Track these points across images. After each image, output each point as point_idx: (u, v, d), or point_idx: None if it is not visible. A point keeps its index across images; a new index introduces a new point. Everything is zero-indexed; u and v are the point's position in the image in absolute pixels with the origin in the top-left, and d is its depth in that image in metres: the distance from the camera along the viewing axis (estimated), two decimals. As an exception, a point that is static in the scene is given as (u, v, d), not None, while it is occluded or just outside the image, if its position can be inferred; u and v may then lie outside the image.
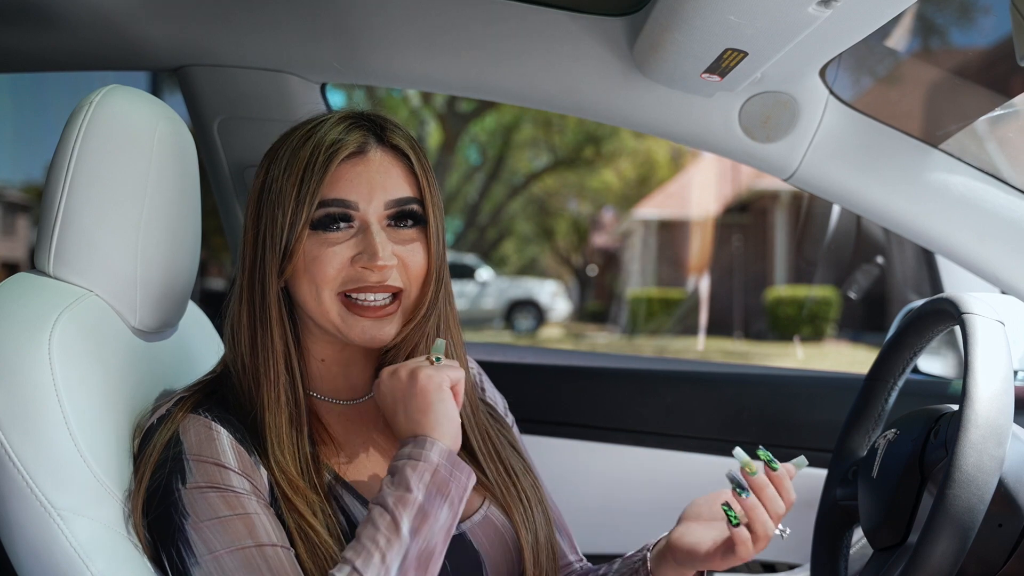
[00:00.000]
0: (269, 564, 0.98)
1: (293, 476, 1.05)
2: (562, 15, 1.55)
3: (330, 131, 1.08)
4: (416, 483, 0.98)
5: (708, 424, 1.89)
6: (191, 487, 1.00)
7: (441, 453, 1.00)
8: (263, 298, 1.09)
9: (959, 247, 1.58)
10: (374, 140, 1.10)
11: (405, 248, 1.09)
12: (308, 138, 1.08)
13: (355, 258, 1.07)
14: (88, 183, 1.10)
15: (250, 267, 1.10)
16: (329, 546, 1.02)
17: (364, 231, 1.08)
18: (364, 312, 1.08)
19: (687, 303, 15.22)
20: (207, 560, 0.98)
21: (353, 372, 1.17)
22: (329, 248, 1.07)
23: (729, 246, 16.02)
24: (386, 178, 1.09)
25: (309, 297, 1.08)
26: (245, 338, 1.10)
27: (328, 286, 1.07)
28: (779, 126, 1.56)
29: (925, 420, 1.22)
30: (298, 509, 1.03)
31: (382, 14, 1.60)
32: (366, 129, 1.10)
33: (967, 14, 8.97)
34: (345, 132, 1.08)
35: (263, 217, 1.08)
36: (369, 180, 1.08)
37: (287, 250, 1.07)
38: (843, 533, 1.38)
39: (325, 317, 1.08)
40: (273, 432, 1.06)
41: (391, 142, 1.11)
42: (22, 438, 0.99)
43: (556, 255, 22.90)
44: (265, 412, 1.07)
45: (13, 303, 1.06)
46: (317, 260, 1.07)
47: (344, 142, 1.07)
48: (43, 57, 1.76)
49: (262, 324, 1.09)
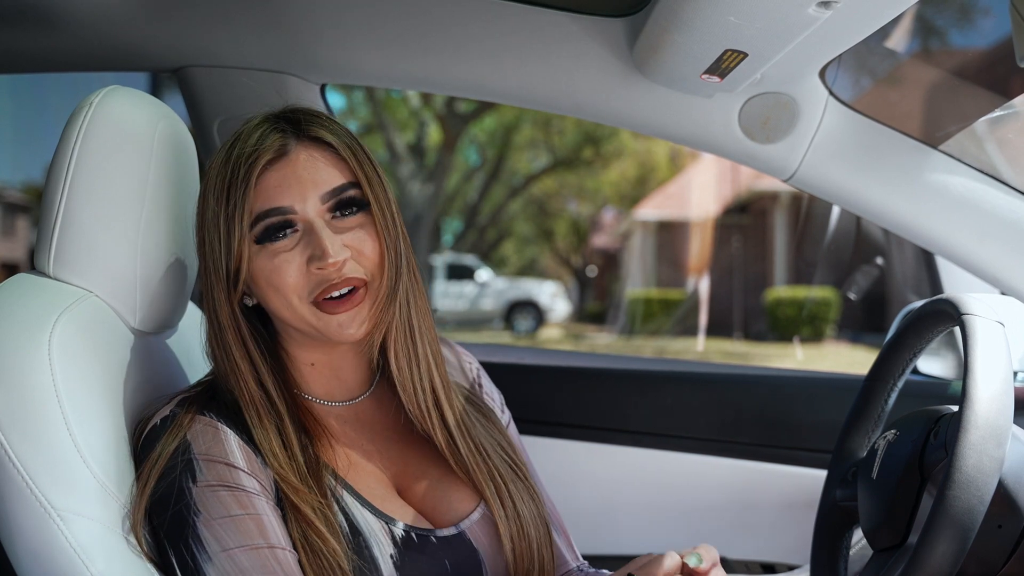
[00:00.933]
0: (283, 568, 0.98)
1: (292, 481, 1.05)
2: (562, 16, 1.55)
3: (247, 141, 1.06)
4: None
5: (708, 425, 1.89)
6: (202, 485, 1.00)
7: None
8: (218, 323, 1.08)
9: (959, 248, 1.58)
10: (293, 138, 1.08)
11: (353, 236, 1.07)
12: (229, 154, 1.06)
13: (309, 261, 1.05)
14: (88, 184, 1.10)
15: (207, 290, 1.09)
16: (335, 550, 1.02)
17: (309, 232, 1.06)
18: (336, 309, 1.06)
19: (687, 304, 15.21)
20: (221, 557, 0.98)
21: (345, 373, 1.17)
22: (280, 257, 1.05)
23: (729, 247, 16.02)
24: (315, 173, 1.07)
25: (282, 307, 1.07)
26: (218, 360, 1.10)
27: (295, 292, 1.06)
28: (779, 127, 1.56)
29: (925, 421, 1.22)
30: (303, 512, 1.03)
31: (382, 15, 1.61)
32: (282, 130, 1.08)
33: (967, 15, 8.98)
34: (261, 139, 1.06)
35: (205, 244, 1.08)
36: (298, 180, 1.06)
37: (231, 270, 1.06)
38: (843, 534, 1.38)
39: (303, 322, 1.08)
40: (265, 446, 1.06)
41: (311, 135, 1.08)
42: (22, 438, 0.99)
43: (556, 256, 22.91)
44: (253, 429, 1.07)
45: (13, 304, 1.06)
46: (275, 272, 1.05)
47: (261, 149, 1.05)
48: (43, 58, 1.76)
49: (222, 348, 1.09)
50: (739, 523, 1.90)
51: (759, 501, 1.87)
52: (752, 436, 1.88)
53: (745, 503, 1.88)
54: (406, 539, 1.08)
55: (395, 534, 1.08)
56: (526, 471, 1.23)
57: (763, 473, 1.87)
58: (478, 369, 1.34)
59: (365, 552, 1.05)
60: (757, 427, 1.88)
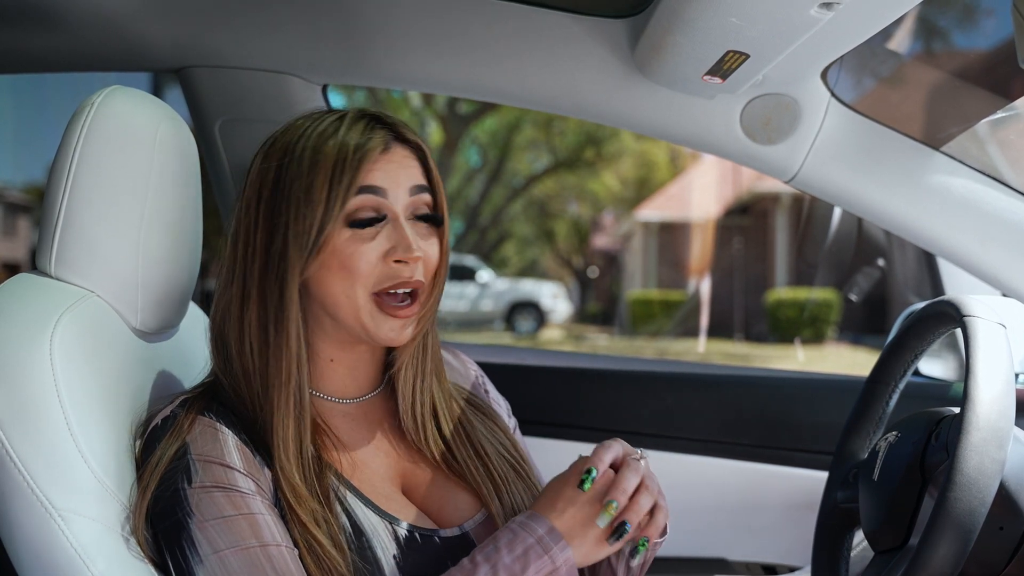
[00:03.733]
0: (273, 564, 0.98)
1: (296, 484, 1.04)
2: (564, 17, 1.55)
3: (352, 129, 1.09)
4: (533, 573, 0.98)
5: (709, 426, 1.89)
6: (196, 487, 1.00)
7: (567, 562, 1.00)
8: (281, 297, 1.06)
9: (960, 249, 1.58)
10: (392, 137, 1.13)
11: (425, 242, 1.11)
12: (330, 135, 1.08)
13: (388, 253, 1.08)
14: (90, 184, 1.10)
15: (262, 266, 1.07)
16: (333, 558, 1.02)
17: (394, 224, 1.09)
18: (396, 312, 1.09)
19: (688, 305, 15.23)
20: (211, 559, 0.98)
21: (359, 372, 1.17)
22: (363, 244, 1.07)
23: (730, 248, 16.02)
24: (407, 168, 1.11)
25: (340, 295, 1.08)
26: (255, 340, 1.08)
27: (362, 283, 1.07)
28: (780, 128, 1.56)
29: (926, 423, 1.22)
30: (302, 520, 1.03)
31: (384, 15, 1.61)
32: (386, 128, 1.13)
33: (969, 16, 8.97)
34: (368, 131, 1.10)
35: (285, 213, 1.06)
36: (396, 171, 1.10)
37: (315, 245, 1.06)
38: (844, 535, 1.38)
39: (354, 316, 1.08)
40: (280, 436, 1.06)
41: (406, 137, 1.14)
42: (23, 438, 0.99)
43: (557, 257, 22.92)
44: (273, 416, 1.06)
45: (14, 304, 1.06)
46: (352, 257, 1.06)
47: (372, 138, 1.09)
48: (44, 58, 1.76)
49: (277, 325, 1.07)
50: (740, 524, 1.90)
51: (760, 502, 1.87)
52: (753, 437, 1.88)
53: (746, 504, 1.88)
54: (409, 539, 1.08)
55: (398, 534, 1.08)
56: (529, 469, 1.23)
57: (764, 474, 1.87)
58: (481, 376, 1.34)
59: (368, 553, 1.05)
60: (758, 428, 1.88)
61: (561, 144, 18.18)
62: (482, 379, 1.34)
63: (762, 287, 14.75)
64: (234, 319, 1.09)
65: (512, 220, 20.85)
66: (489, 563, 0.99)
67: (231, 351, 1.09)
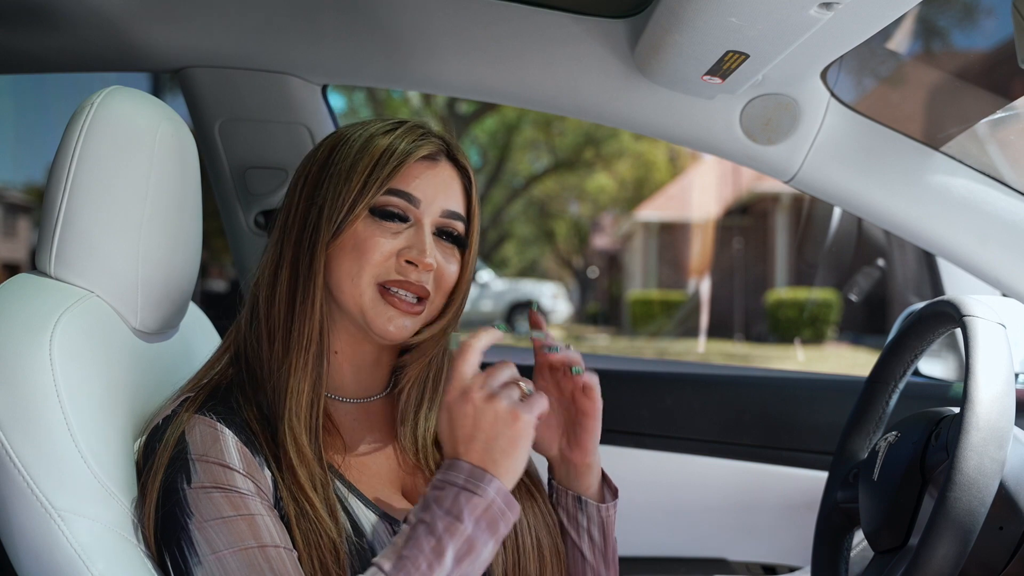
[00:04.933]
0: (272, 565, 0.98)
1: (303, 444, 1.06)
2: (564, 17, 1.55)
3: (409, 132, 1.13)
4: (468, 515, 0.96)
5: (709, 426, 1.89)
6: (196, 487, 1.00)
7: (499, 491, 0.98)
8: (310, 266, 1.10)
9: (960, 249, 1.58)
10: (444, 153, 1.16)
11: (444, 260, 1.13)
12: (387, 132, 1.13)
13: (402, 251, 1.10)
14: (89, 184, 1.10)
15: (298, 234, 1.12)
16: (323, 520, 1.02)
17: (416, 228, 1.11)
18: (396, 304, 1.10)
19: (688, 305, 15.23)
20: (210, 560, 0.98)
21: (363, 372, 1.17)
22: (382, 236, 1.10)
23: (730, 248, 16.02)
24: (448, 189, 1.14)
25: (346, 277, 1.10)
26: (283, 304, 1.11)
27: (369, 270, 1.09)
28: (780, 128, 1.56)
29: (926, 423, 1.22)
30: (299, 479, 1.04)
31: (383, 16, 1.61)
32: (441, 142, 1.16)
33: (969, 17, 8.98)
34: (422, 138, 1.13)
35: (323, 188, 1.11)
36: (435, 185, 1.13)
37: (340, 225, 1.09)
38: (844, 535, 1.38)
39: (356, 300, 1.10)
40: (294, 398, 1.07)
41: (458, 159, 1.17)
42: (23, 439, 0.99)
43: (557, 257, 22.92)
44: (291, 377, 1.08)
45: (14, 304, 1.06)
46: (367, 242, 1.09)
47: (422, 144, 1.12)
48: (44, 58, 1.76)
49: (305, 289, 1.11)
50: (740, 524, 1.90)
51: (760, 502, 1.87)
52: (753, 438, 1.88)
53: (746, 504, 1.88)
54: (409, 540, 1.08)
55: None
56: (541, 491, 1.22)
57: (764, 475, 1.87)
58: None
59: (367, 554, 1.04)
60: (758, 429, 1.88)
61: (561, 144, 18.18)
62: None
63: (762, 287, 14.75)
64: (267, 281, 1.13)
65: (512, 220, 20.85)
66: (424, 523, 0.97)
67: (260, 312, 1.13)
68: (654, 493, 1.90)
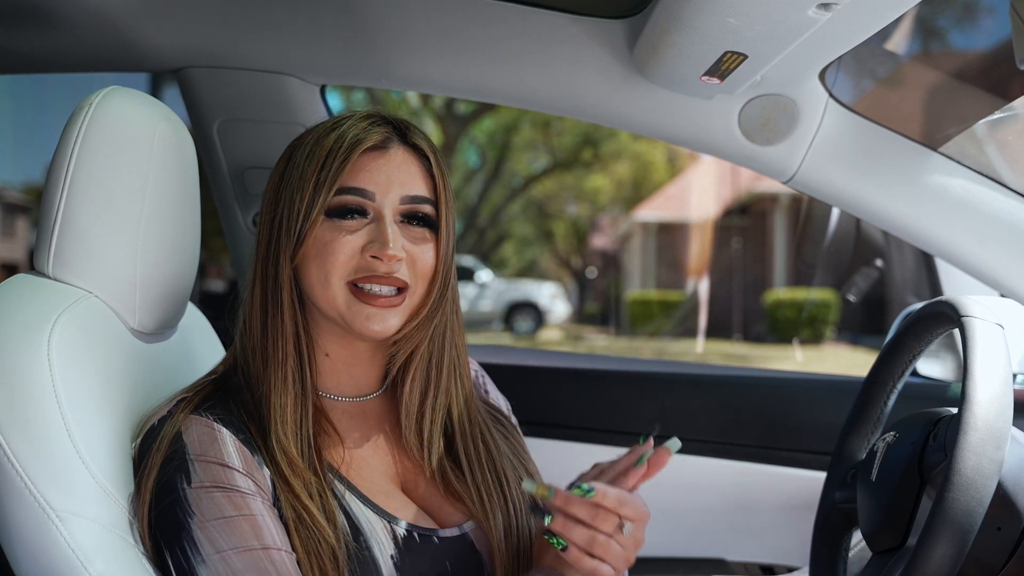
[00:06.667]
0: (277, 568, 0.98)
1: (293, 456, 1.06)
2: (562, 17, 1.55)
3: (355, 125, 1.12)
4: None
5: (707, 427, 1.89)
6: (196, 486, 1.00)
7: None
8: (275, 280, 1.11)
9: (958, 250, 1.59)
10: (397, 138, 1.14)
11: (415, 246, 1.11)
12: (333, 129, 1.12)
13: (366, 247, 1.09)
14: (88, 184, 1.10)
15: (264, 251, 1.12)
16: (323, 528, 1.02)
17: (377, 222, 1.10)
18: (371, 301, 1.09)
19: (686, 305, 15.22)
20: (214, 559, 0.98)
21: (357, 371, 1.17)
22: (341, 235, 1.09)
23: (728, 248, 16.02)
24: (404, 174, 1.12)
25: (317, 283, 1.09)
26: (257, 321, 1.12)
27: (337, 272, 1.09)
28: (779, 129, 1.56)
29: (924, 423, 1.22)
30: (294, 490, 1.04)
31: (382, 16, 1.61)
32: (390, 128, 1.14)
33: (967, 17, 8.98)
34: (369, 127, 1.12)
35: (281, 201, 1.11)
36: (388, 174, 1.11)
37: (300, 234, 1.09)
38: (842, 536, 1.38)
39: (331, 304, 1.10)
40: (277, 412, 1.07)
41: (412, 142, 1.15)
42: (21, 439, 0.99)
43: (555, 257, 22.90)
44: (271, 393, 1.08)
45: (12, 304, 1.06)
46: (328, 246, 1.08)
47: (368, 135, 1.11)
48: (43, 58, 1.76)
49: (273, 305, 1.11)
50: (738, 525, 1.90)
51: (758, 503, 1.87)
52: (751, 438, 1.88)
53: (744, 505, 1.88)
54: (408, 539, 1.08)
55: (397, 533, 1.08)
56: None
57: (762, 475, 1.87)
58: (482, 375, 1.34)
59: (365, 553, 1.04)
60: (756, 429, 1.88)
61: (559, 144, 18.17)
62: (483, 379, 1.34)
63: (761, 287, 14.74)
64: (245, 299, 1.14)
65: (511, 220, 20.83)
66: None
67: (243, 329, 1.14)
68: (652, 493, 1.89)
